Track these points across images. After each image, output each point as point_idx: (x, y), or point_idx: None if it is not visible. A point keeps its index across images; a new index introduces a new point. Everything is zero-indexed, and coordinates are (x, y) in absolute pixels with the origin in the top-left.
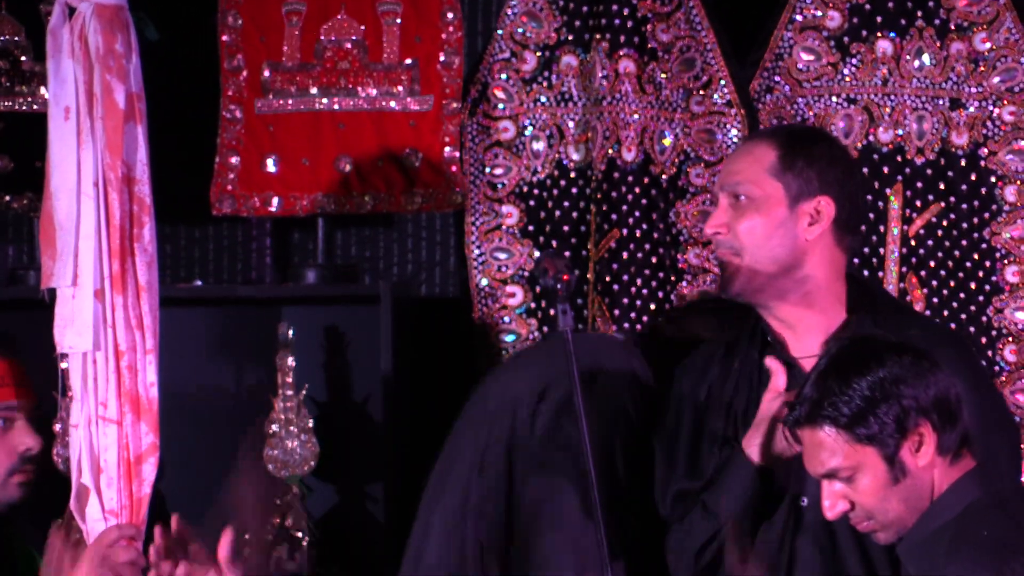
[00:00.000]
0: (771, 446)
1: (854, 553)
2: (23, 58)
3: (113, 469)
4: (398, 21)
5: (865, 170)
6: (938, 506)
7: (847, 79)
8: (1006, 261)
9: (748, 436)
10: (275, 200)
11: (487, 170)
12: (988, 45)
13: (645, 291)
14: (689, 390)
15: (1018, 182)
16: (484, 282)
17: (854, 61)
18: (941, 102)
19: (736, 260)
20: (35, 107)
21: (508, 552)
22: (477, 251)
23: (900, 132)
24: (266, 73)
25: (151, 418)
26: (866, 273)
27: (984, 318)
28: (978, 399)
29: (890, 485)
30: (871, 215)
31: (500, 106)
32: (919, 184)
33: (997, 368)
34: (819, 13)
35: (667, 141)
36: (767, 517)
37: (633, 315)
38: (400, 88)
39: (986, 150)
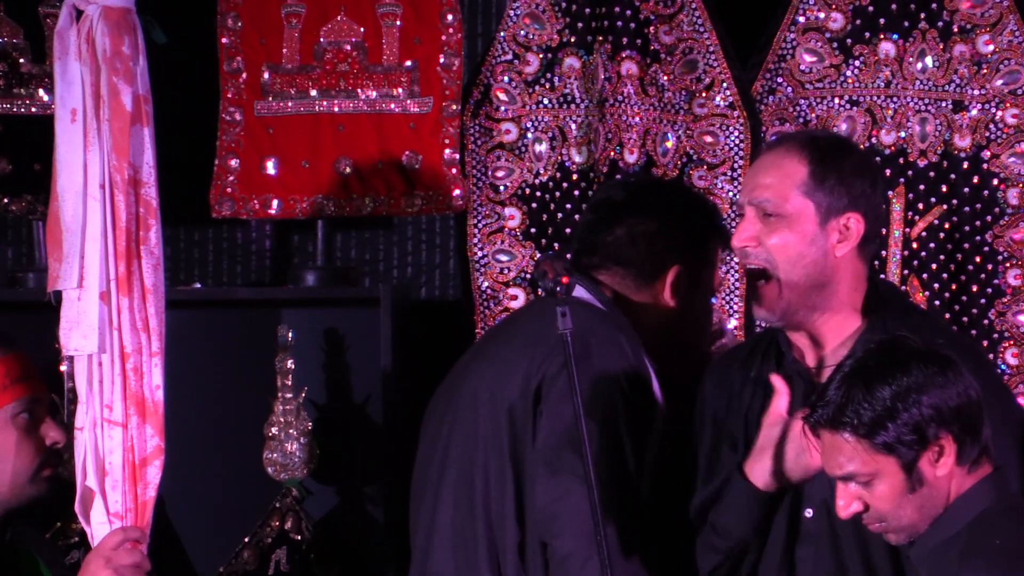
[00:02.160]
0: (776, 470)
1: (857, 564)
2: (22, 60)
3: (118, 472)
4: (398, 23)
5: None
6: (951, 513)
7: (850, 81)
8: (1008, 264)
9: (750, 461)
10: (275, 202)
11: (489, 172)
12: (991, 47)
13: None
14: (709, 398)
15: (1020, 185)
16: (486, 284)
17: (857, 63)
18: (944, 104)
19: (773, 286)
20: (33, 109)
21: (522, 555)
22: (479, 253)
23: (903, 134)
24: (266, 75)
25: (156, 421)
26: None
27: (986, 321)
28: (990, 404)
29: (907, 493)
30: None
31: (502, 108)
32: (921, 186)
33: (999, 372)
34: (822, 15)
35: (669, 143)
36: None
37: None
38: (400, 90)
39: (989, 153)
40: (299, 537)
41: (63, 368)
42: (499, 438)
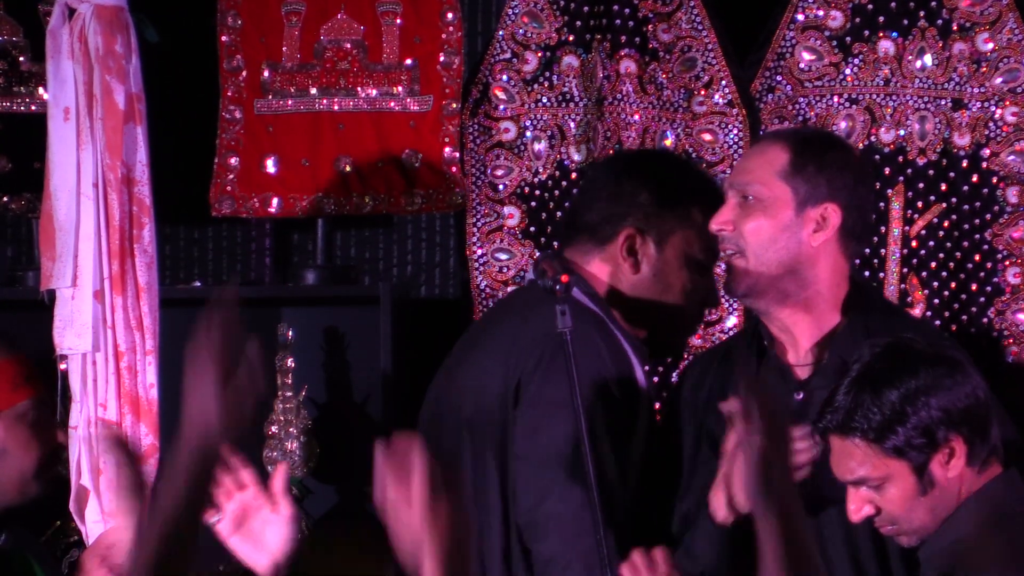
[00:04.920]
0: (737, 498)
1: (845, 564)
2: (21, 58)
3: (113, 471)
4: (398, 21)
5: None
6: (961, 513)
7: (849, 79)
8: (1007, 262)
9: (712, 492)
10: (275, 201)
11: (488, 171)
12: (991, 46)
13: None
14: (689, 396)
15: (1020, 183)
16: (485, 283)
17: (856, 61)
18: (943, 103)
19: (741, 261)
20: (33, 108)
21: (508, 559)
22: (479, 252)
23: (902, 132)
24: (266, 73)
25: (151, 419)
26: (867, 274)
27: (985, 320)
28: None
29: (918, 496)
30: (872, 216)
31: (501, 107)
32: (921, 185)
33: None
34: (821, 13)
35: (668, 141)
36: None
37: None
38: (400, 88)
39: (988, 151)
40: (299, 535)
41: (63, 367)
42: (482, 445)
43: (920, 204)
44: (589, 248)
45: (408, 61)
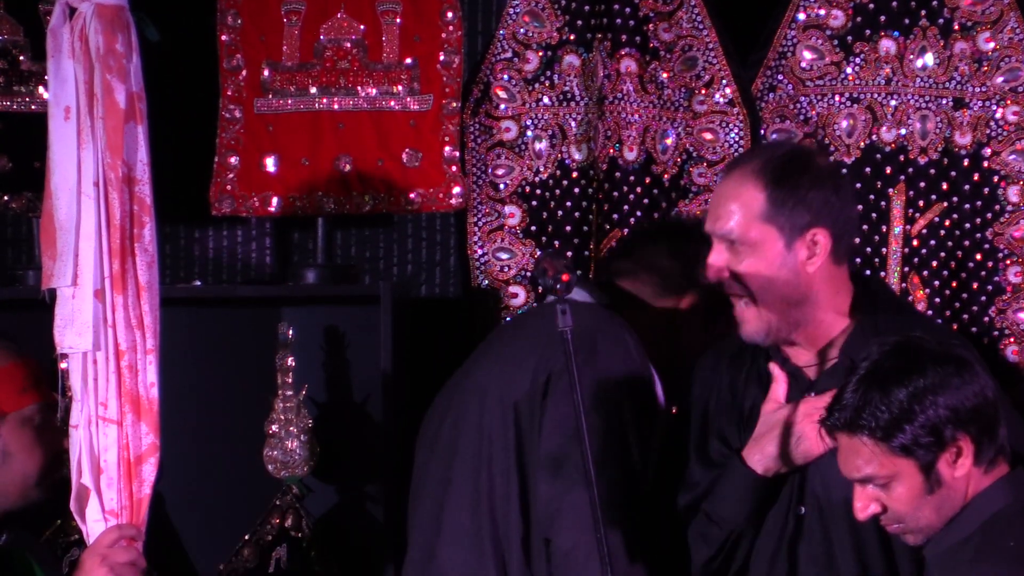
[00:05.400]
0: (776, 455)
1: (851, 563)
2: (22, 58)
3: (113, 469)
4: (398, 21)
5: (868, 169)
6: (967, 513)
7: (850, 78)
8: (1008, 261)
9: (749, 448)
10: (275, 200)
11: (489, 170)
12: (992, 45)
13: None
14: (698, 395)
15: (1021, 182)
16: (486, 282)
17: (857, 60)
18: (944, 102)
19: (751, 308)
20: (34, 107)
21: (527, 550)
22: (479, 251)
23: (903, 131)
24: (265, 73)
25: (151, 418)
26: (867, 274)
27: (986, 318)
28: None
29: (925, 494)
30: (874, 215)
31: (502, 106)
32: (922, 184)
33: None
34: (822, 12)
35: (669, 140)
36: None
37: None
38: (400, 88)
39: (989, 150)
40: (299, 534)
41: (63, 366)
42: (505, 435)
43: (921, 203)
44: (651, 290)
45: (408, 60)
